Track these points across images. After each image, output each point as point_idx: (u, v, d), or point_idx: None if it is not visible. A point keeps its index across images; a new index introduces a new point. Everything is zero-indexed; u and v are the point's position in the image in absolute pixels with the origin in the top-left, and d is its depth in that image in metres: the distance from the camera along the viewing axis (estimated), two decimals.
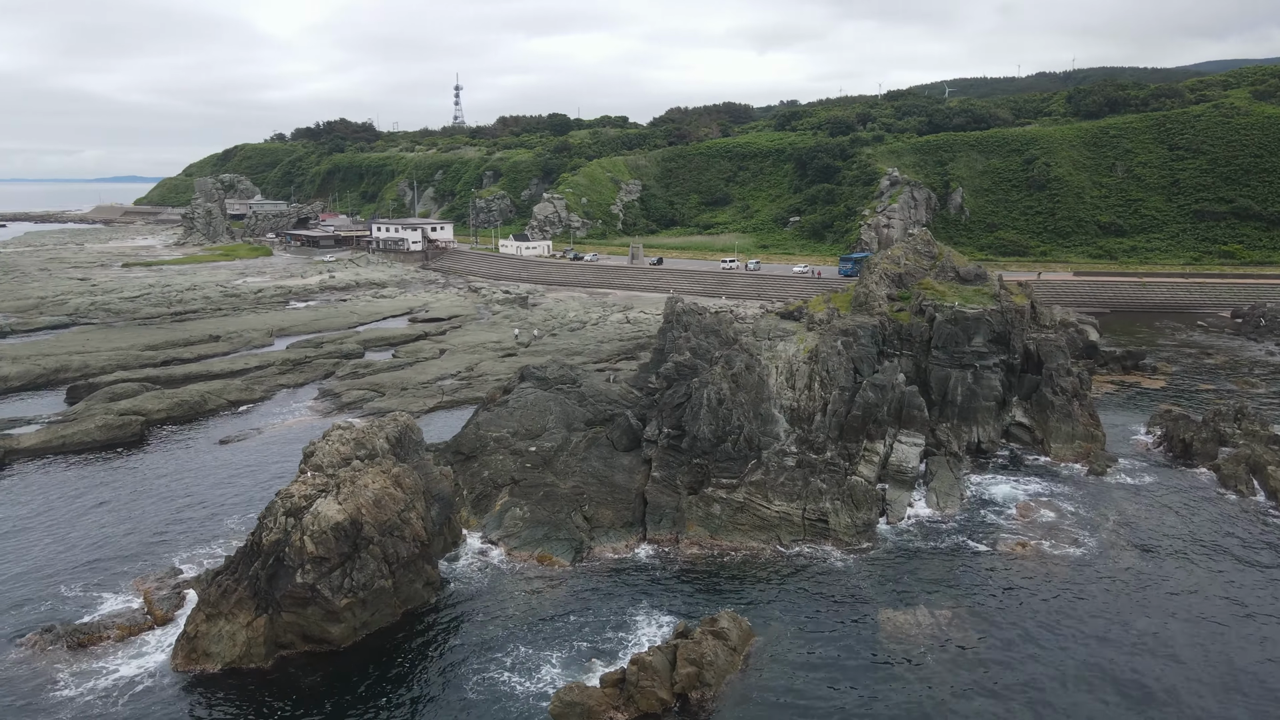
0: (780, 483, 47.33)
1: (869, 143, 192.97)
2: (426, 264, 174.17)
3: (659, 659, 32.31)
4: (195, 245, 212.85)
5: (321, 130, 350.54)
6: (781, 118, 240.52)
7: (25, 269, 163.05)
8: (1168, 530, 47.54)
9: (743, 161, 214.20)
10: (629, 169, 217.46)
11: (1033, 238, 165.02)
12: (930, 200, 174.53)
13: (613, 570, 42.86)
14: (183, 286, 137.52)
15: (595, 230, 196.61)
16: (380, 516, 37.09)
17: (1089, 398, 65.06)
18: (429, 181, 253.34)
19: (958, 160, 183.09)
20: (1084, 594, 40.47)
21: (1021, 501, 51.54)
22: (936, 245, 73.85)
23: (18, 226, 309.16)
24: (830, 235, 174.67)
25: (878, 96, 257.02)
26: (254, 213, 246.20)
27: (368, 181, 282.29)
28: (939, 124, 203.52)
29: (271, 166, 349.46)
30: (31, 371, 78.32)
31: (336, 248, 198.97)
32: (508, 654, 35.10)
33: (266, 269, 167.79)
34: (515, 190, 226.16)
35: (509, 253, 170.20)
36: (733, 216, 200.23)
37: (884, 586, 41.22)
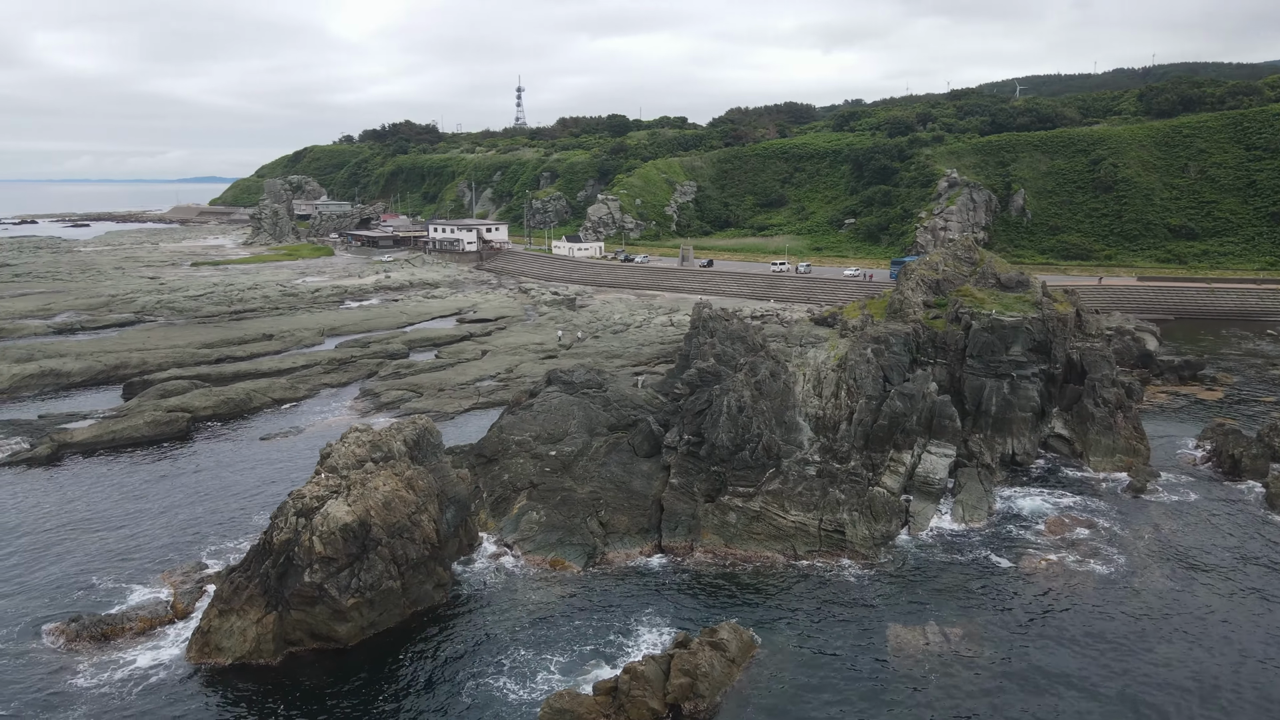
0: (798, 492, 46.86)
1: (928, 143, 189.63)
2: (480, 264, 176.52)
3: (652, 669, 32.32)
4: (262, 245, 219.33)
5: (387, 132, 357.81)
6: (840, 118, 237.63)
7: (102, 267, 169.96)
8: (1205, 551, 45.74)
9: (799, 163, 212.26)
10: (684, 170, 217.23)
11: (1097, 241, 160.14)
12: (990, 202, 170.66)
13: (623, 576, 42.97)
14: (245, 286, 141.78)
15: (649, 231, 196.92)
16: (389, 518, 37.80)
17: (1134, 409, 62.95)
18: (487, 182, 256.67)
19: (1020, 161, 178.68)
20: (1107, 616, 39.18)
21: (1052, 516, 50.14)
22: (978, 251, 72.24)
23: (100, 226, 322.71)
24: (886, 238, 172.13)
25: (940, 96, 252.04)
26: (319, 213, 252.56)
27: (429, 182, 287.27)
28: (1002, 124, 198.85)
29: (339, 167, 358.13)
30: (93, 368, 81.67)
31: (395, 248, 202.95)
32: (508, 658, 35.47)
33: (326, 269, 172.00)
34: (571, 191, 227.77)
35: (561, 254, 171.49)
36: (787, 218, 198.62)
37: (896, 601, 40.52)
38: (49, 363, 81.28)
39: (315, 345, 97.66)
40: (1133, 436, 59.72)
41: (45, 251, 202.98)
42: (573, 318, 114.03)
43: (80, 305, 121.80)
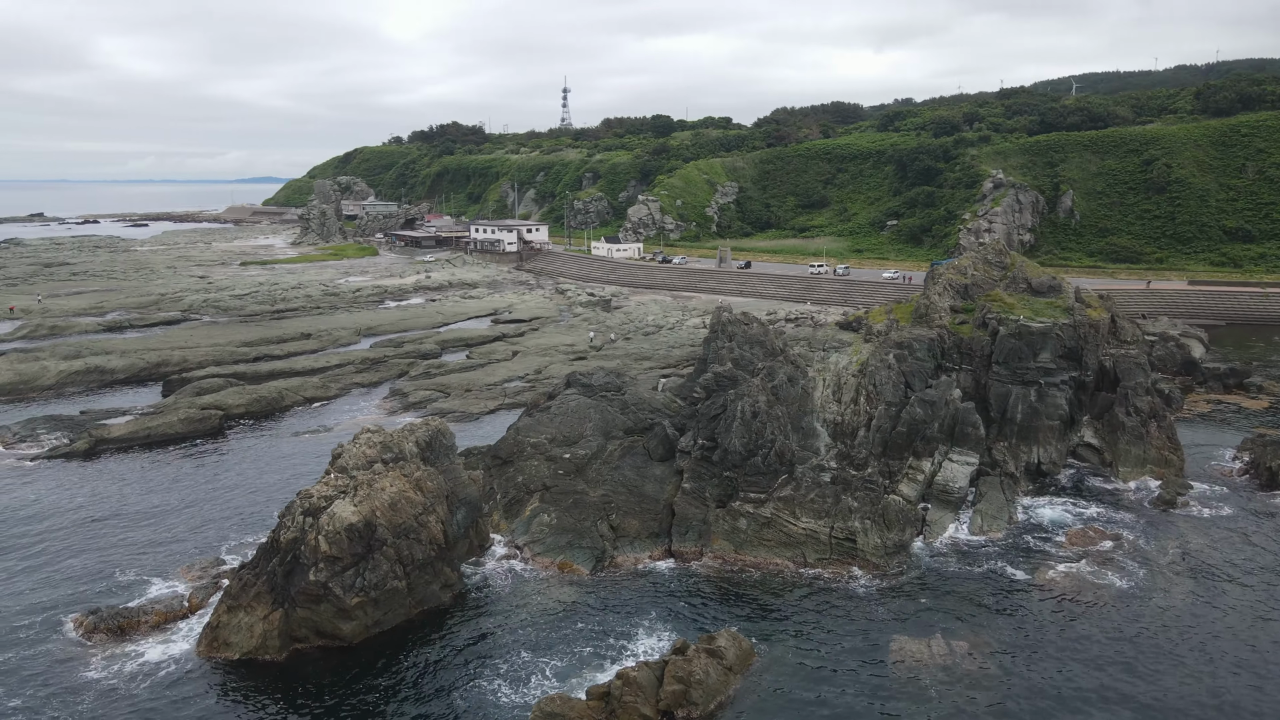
0: (810, 499, 46.48)
1: (974, 143, 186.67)
2: (520, 265, 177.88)
3: (646, 675, 32.33)
4: (309, 245, 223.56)
5: (434, 133, 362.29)
6: (885, 118, 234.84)
7: (155, 266, 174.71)
8: (1232, 568, 44.36)
9: (842, 163, 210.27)
10: (726, 171, 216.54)
11: (1149, 244, 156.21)
12: (1038, 204, 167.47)
13: (630, 581, 43.04)
14: (289, 285, 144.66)
15: (689, 232, 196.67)
16: (395, 519, 38.34)
17: (1169, 419, 61.26)
18: (530, 183, 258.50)
19: (1069, 161, 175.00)
20: (1122, 633, 38.21)
21: (1074, 528, 49.05)
22: (1009, 255, 70.87)
23: (158, 226, 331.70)
24: (928, 240, 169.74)
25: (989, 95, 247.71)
26: (365, 213, 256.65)
27: (474, 183, 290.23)
28: (1052, 123, 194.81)
29: (388, 168, 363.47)
30: (136, 365, 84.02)
31: (437, 248, 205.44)
32: (506, 660, 35.76)
33: (369, 269, 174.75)
34: (613, 192, 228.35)
35: (600, 255, 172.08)
36: (829, 220, 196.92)
37: (903, 612, 39.98)
38: (94, 360, 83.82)
39: (351, 345, 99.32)
40: (1165, 446, 58.15)
41: (104, 251, 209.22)
42: (606, 319, 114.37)
43: (131, 304, 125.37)
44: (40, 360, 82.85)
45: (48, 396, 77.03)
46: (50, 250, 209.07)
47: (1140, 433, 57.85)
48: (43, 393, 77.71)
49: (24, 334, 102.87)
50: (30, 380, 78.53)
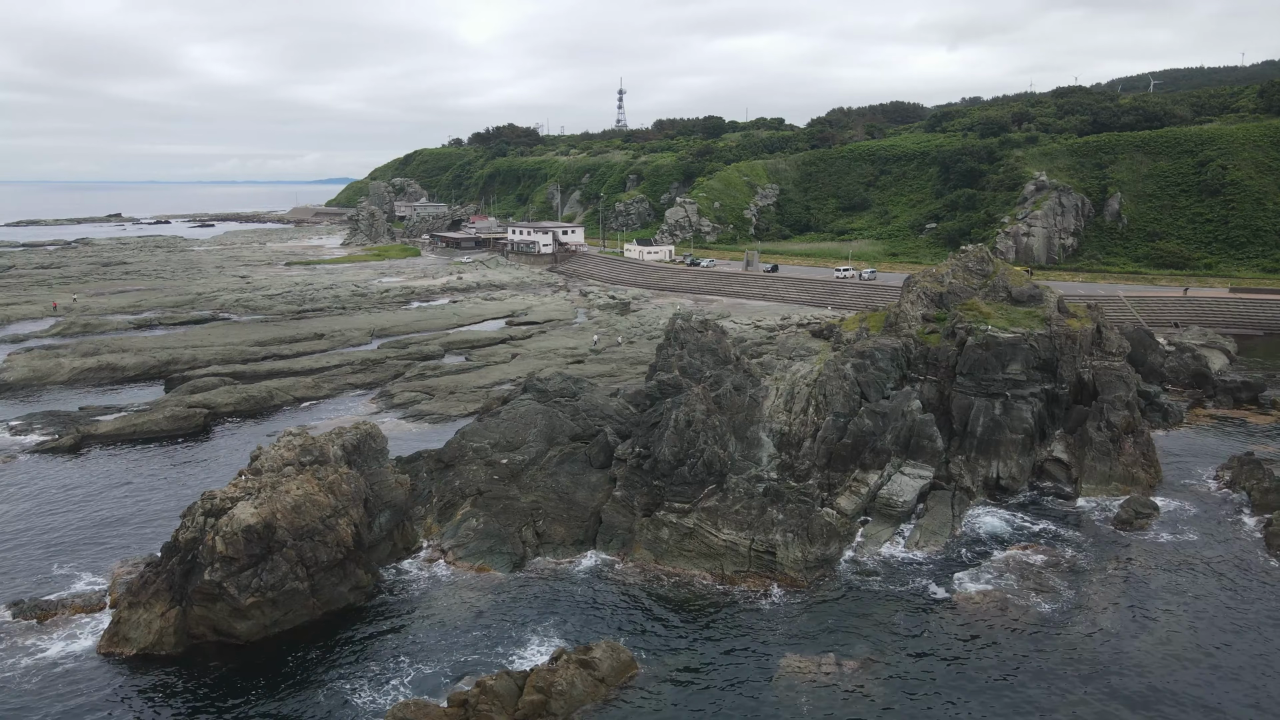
0: (735, 511, 46.01)
1: (1020, 144, 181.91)
2: (554, 267, 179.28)
3: (505, 684, 32.49)
4: (358, 245, 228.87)
5: (490, 135, 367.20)
6: (934, 118, 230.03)
7: (204, 266, 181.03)
8: (1168, 598, 42.44)
9: (886, 165, 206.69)
10: (768, 173, 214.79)
11: (1199, 248, 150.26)
12: (1083, 206, 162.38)
13: (543, 587, 43.19)
14: (323, 285, 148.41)
15: (725, 235, 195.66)
16: (298, 521, 39.19)
17: (1147, 434, 58.91)
18: (576, 185, 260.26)
19: (1119, 163, 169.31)
20: (1022, 664, 36.81)
21: (1016, 546, 47.52)
22: (992, 263, 68.86)
23: (224, 226, 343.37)
24: (966, 243, 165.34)
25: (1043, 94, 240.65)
26: (415, 215, 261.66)
27: (524, 184, 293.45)
28: (1105, 123, 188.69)
29: (445, 169, 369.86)
30: (146, 363, 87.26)
31: (476, 249, 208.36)
32: (387, 663, 36.28)
33: (406, 269, 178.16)
34: (655, 194, 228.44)
35: (632, 257, 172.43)
36: (869, 223, 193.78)
37: (806, 628, 39.32)
38: (108, 357, 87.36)
39: (362, 345, 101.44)
40: (1137, 463, 55.93)
41: (162, 251, 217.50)
42: (617, 322, 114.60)
43: (167, 303, 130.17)
44: (57, 357, 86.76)
45: (59, 392, 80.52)
46: (113, 250, 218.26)
47: (1108, 449, 55.74)
48: (55, 388, 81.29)
49: (58, 330, 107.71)
50: (44, 376, 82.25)
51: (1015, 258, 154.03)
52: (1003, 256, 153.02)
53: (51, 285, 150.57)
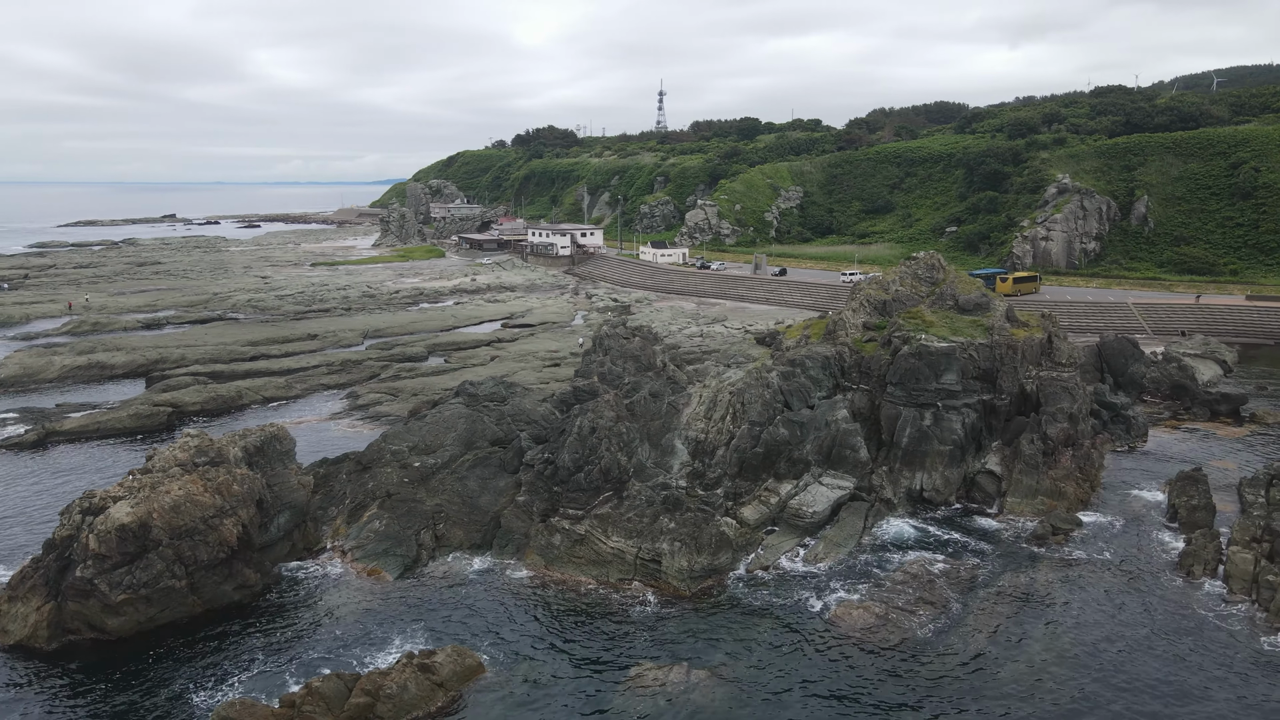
0: (627, 518, 46.03)
1: (1047, 146, 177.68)
2: (571, 269, 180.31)
3: (333, 686, 33.07)
4: (387, 246, 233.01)
5: (530, 137, 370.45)
6: (963, 120, 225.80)
7: (231, 267, 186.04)
8: (1056, 615, 41.37)
9: (911, 167, 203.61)
10: (792, 175, 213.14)
11: (1227, 254, 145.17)
12: (1108, 210, 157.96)
13: (425, 591, 43.73)
14: (336, 286, 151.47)
15: (745, 238, 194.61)
16: (175, 521, 40.32)
17: (1086, 446, 57.31)
18: (605, 187, 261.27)
19: (1148, 165, 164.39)
20: (883, 680, 36.32)
21: (917, 560, 46.64)
22: (943, 270, 67.59)
23: (270, 227, 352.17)
24: (985, 247, 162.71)
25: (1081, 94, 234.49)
26: (449, 215, 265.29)
27: (557, 186, 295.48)
28: (1138, 124, 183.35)
29: (485, 171, 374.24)
30: (135, 361, 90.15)
31: (498, 251, 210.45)
32: (244, 662, 37.15)
33: (425, 270, 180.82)
34: (681, 196, 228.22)
35: (647, 259, 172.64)
36: (891, 226, 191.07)
37: (669, 638, 39.22)
38: (99, 356, 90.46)
39: (352, 346, 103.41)
40: (1070, 477, 54.47)
41: (199, 251, 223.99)
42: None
43: (182, 302, 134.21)
44: (50, 355, 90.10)
45: (47, 389, 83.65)
46: (153, 250, 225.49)
47: (1037, 462, 54.39)
48: (44, 385, 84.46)
49: (69, 329, 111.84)
50: (35, 373, 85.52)
51: (1033, 262, 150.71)
52: (1019, 261, 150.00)
53: (81, 284, 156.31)
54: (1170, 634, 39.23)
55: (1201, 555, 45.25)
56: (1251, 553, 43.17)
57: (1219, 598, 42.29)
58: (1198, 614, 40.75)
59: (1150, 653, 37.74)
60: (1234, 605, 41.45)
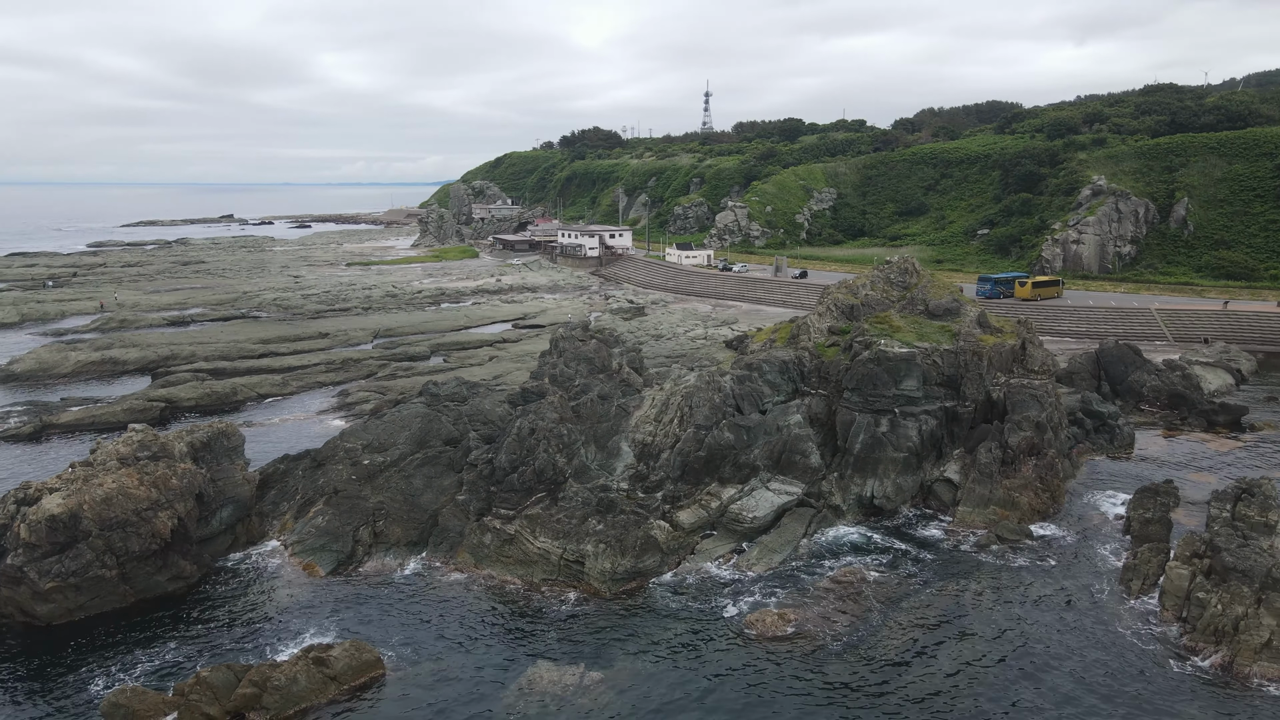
0: (556, 519, 46.35)
1: (1085, 146, 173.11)
2: (598, 270, 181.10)
3: (222, 676, 34.01)
4: (425, 247, 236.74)
5: (575, 139, 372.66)
6: (1003, 120, 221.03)
7: (269, 266, 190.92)
8: (980, 628, 40.57)
9: (947, 168, 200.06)
10: (826, 177, 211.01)
11: (1269, 258, 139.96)
12: (1146, 212, 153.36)
13: (352, 587, 44.62)
14: (363, 286, 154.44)
15: (775, 240, 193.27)
16: (106, 513, 41.82)
17: (1050, 456, 55.86)
18: (642, 188, 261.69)
19: (1190, 166, 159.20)
20: (772, 687, 36.08)
21: (849, 568, 46.10)
22: (916, 275, 66.47)
23: (321, 227, 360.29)
24: (1016, 250, 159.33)
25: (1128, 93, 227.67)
26: (489, 216, 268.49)
27: (597, 188, 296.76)
28: (1183, 123, 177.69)
29: (531, 172, 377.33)
30: (146, 358, 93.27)
31: (530, 252, 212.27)
32: (155, 651, 38.39)
33: (455, 271, 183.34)
34: (715, 198, 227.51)
35: (672, 261, 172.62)
36: (924, 228, 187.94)
37: (576, 640, 39.44)
38: (113, 352, 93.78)
39: (360, 344, 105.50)
40: (1024, 487, 53.15)
41: (243, 251, 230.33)
42: (620, 327, 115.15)
43: (211, 300, 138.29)
44: (66, 351, 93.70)
45: (60, 383, 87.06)
46: (200, 250, 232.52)
47: (991, 471, 53.22)
48: (58, 380, 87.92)
49: (97, 326, 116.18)
50: (50, 368, 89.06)
51: (1063, 266, 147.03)
52: (1048, 265, 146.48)
53: (123, 282, 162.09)
54: (1084, 651, 38.18)
55: (1142, 570, 43.90)
56: (1189, 569, 41.72)
57: (1148, 615, 41.01)
58: (1117, 631, 39.59)
59: (1057, 670, 36.79)
60: (1161, 624, 40.16)
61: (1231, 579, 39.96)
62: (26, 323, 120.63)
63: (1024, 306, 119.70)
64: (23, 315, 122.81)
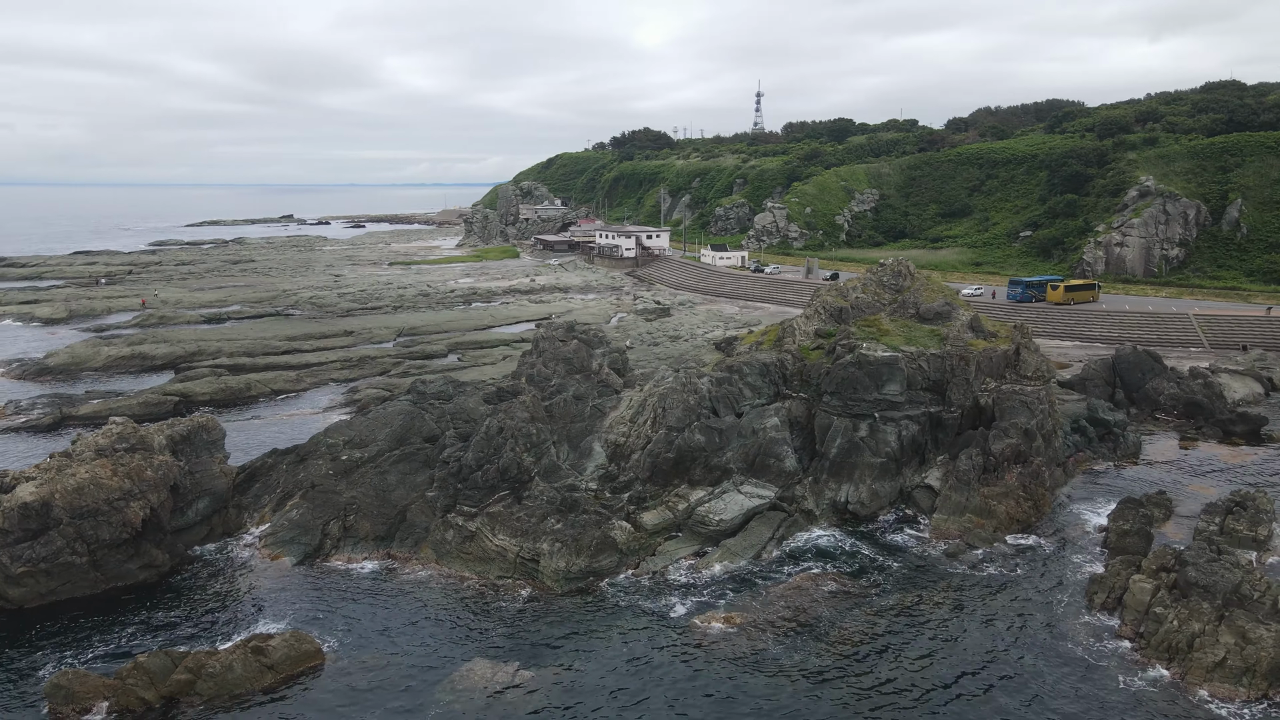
0: (517, 517, 46.72)
1: (1136, 146, 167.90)
2: (633, 271, 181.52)
3: (159, 662, 35.11)
4: (470, 247, 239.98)
5: (625, 139, 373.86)
6: (1054, 119, 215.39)
7: (313, 265, 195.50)
8: (929, 640, 39.80)
9: (993, 169, 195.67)
10: (869, 178, 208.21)
11: None
12: (1197, 214, 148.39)
13: (316, 578, 45.57)
14: (399, 285, 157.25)
15: (813, 241, 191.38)
16: (78, 502, 43.45)
17: (1035, 464, 54.43)
18: (686, 189, 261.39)
19: (1246, 166, 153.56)
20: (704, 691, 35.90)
21: (808, 573, 45.60)
22: (910, 278, 65.27)
23: (375, 227, 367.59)
24: (1058, 253, 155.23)
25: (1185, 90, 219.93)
26: (534, 216, 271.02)
27: (643, 188, 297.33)
28: (1241, 122, 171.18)
29: (581, 173, 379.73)
30: (174, 353, 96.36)
31: (569, 252, 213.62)
32: (119, 636, 39.75)
33: (492, 270, 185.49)
34: (758, 199, 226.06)
35: (706, 262, 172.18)
36: (967, 230, 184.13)
37: (518, 637, 39.74)
38: (142, 347, 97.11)
39: (383, 342, 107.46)
40: (1004, 495, 51.86)
41: (294, 250, 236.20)
42: (640, 327, 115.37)
43: (250, 298, 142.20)
44: (99, 346, 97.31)
45: (91, 376, 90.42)
46: (253, 249, 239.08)
47: (969, 478, 52.07)
48: (89, 373, 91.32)
49: (137, 322, 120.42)
50: (82, 362, 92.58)
51: (1105, 269, 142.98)
52: (1089, 268, 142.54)
53: (172, 280, 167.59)
54: (1028, 665, 37.19)
55: (1108, 583, 42.57)
56: (1154, 583, 40.34)
57: (1105, 630, 39.76)
58: (1067, 646, 38.46)
59: (995, 684, 35.91)
60: (1116, 639, 38.91)
61: (1193, 595, 38.54)
62: (73, 319, 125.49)
63: (1055, 310, 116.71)
64: (70, 311, 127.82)
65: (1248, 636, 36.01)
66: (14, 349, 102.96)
